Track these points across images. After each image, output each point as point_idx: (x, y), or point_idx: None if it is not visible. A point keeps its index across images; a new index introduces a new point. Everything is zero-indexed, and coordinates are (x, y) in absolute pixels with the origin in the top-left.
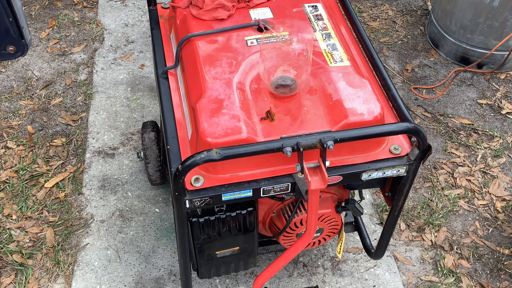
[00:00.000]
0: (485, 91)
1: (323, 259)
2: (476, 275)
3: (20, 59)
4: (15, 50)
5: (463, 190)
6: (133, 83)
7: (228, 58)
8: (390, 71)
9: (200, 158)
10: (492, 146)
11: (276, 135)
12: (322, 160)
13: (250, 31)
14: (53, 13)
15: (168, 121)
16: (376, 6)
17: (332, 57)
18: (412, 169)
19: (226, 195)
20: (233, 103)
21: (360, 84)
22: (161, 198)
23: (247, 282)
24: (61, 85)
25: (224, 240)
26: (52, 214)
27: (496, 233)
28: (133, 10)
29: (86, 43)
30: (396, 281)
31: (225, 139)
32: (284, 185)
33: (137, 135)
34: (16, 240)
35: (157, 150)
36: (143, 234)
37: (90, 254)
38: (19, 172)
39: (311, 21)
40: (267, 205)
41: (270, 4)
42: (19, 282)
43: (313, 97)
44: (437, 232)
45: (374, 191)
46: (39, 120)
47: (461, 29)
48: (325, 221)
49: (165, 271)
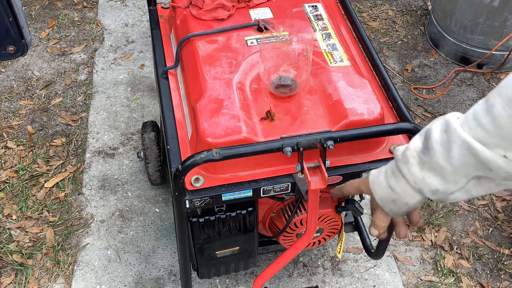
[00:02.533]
0: (485, 91)
1: (323, 259)
2: (476, 275)
3: (20, 59)
4: (15, 50)
5: None
6: (133, 83)
7: (228, 58)
8: (390, 71)
9: (200, 158)
10: None
11: (276, 135)
12: (322, 160)
13: (250, 31)
14: (53, 13)
15: (168, 121)
16: (376, 6)
17: (332, 57)
18: None
19: (226, 195)
20: (233, 103)
21: (360, 84)
22: (161, 198)
23: (247, 282)
24: (61, 85)
25: (224, 240)
26: (52, 214)
27: (496, 233)
28: (133, 10)
29: (86, 43)
30: (396, 281)
31: (225, 139)
32: (284, 185)
33: (137, 135)
34: (16, 240)
35: (157, 150)
36: (143, 234)
37: (90, 254)
38: (19, 172)
39: (311, 21)
40: (267, 205)
41: (270, 4)
42: (19, 282)
43: (313, 97)
44: (437, 232)
45: None
46: (39, 120)
47: (461, 29)
48: (325, 221)
49: (165, 271)
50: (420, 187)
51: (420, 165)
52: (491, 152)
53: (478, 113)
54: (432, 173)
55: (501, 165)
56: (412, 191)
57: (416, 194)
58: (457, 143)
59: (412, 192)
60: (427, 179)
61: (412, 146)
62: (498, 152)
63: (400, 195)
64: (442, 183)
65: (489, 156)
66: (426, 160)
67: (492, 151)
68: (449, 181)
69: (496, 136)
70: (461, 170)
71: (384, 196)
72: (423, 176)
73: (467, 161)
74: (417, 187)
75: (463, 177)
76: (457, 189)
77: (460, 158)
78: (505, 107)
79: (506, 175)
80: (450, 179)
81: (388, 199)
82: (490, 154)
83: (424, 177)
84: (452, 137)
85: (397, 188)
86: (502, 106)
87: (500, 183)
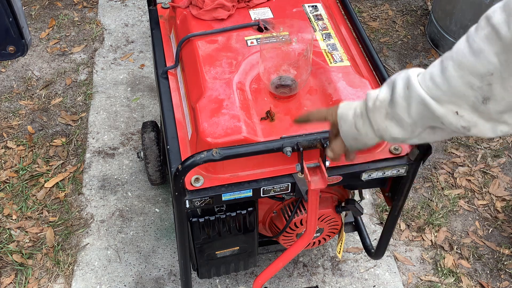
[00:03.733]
0: None
1: (323, 259)
2: (476, 275)
3: (20, 59)
4: (15, 50)
5: (463, 190)
6: (133, 83)
7: (228, 58)
8: (390, 71)
9: (200, 158)
10: (492, 146)
11: (276, 135)
12: (322, 160)
13: (250, 31)
14: (53, 13)
15: (168, 121)
16: (376, 6)
17: (332, 57)
18: (412, 169)
19: (226, 195)
20: (233, 103)
21: (360, 84)
22: (161, 198)
23: (247, 282)
24: (61, 85)
25: (224, 240)
26: (52, 214)
27: (496, 233)
28: (133, 10)
29: (86, 43)
30: (396, 281)
31: (225, 139)
32: (284, 185)
33: (137, 135)
34: (16, 240)
35: (157, 150)
36: (143, 234)
37: (90, 254)
38: (19, 172)
39: (311, 21)
40: (267, 205)
41: (270, 4)
42: (19, 282)
43: (313, 97)
44: (437, 232)
45: (374, 191)
46: (39, 120)
47: (461, 29)
48: (325, 221)
49: (165, 271)
50: (382, 134)
51: (385, 116)
52: (444, 108)
53: (434, 74)
54: (394, 123)
55: (451, 120)
56: (373, 136)
57: (376, 138)
58: (416, 100)
59: (373, 136)
60: (389, 128)
61: (382, 97)
62: (450, 109)
63: (362, 136)
64: (401, 132)
65: (442, 111)
66: (390, 112)
67: (445, 107)
68: (408, 131)
69: (448, 95)
70: (419, 122)
71: (348, 132)
72: (386, 125)
73: (424, 115)
74: (379, 133)
75: (420, 127)
76: (414, 136)
77: (418, 112)
78: (456, 69)
79: (455, 128)
80: (409, 129)
81: (351, 136)
82: (443, 110)
83: (387, 126)
84: (412, 93)
85: (362, 129)
86: (454, 68)
87: (450, 133)
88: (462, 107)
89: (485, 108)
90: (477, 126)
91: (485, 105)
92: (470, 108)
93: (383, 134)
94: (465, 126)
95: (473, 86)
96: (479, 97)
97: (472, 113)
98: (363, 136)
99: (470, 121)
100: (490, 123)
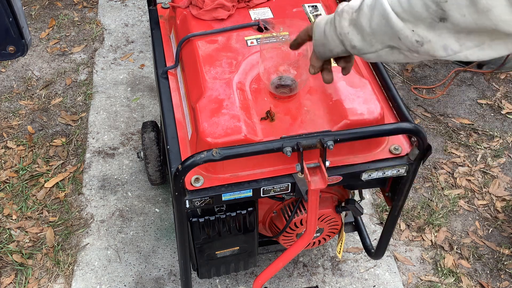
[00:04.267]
0: (485, 91)
1: (323, 259)
2: (476, 275)
3: (20, 59)
4: (15, 50)
5: (463, 190)
6: (133, 83)
7: (228, 58)
8: (390, 71)
9: (200, 158)
10: (492, 146)
11: (276, 135)
12: (322, 160)
13: (250, 31)
14: (53, 13)
15: (168, 121)
16: None
17: None
18: (412, 169)
19: (226, 195)
20: (233, 103)
21: (360, 84)
22: (161, 198)
23: (247, 282)
24: (61, 85)
25: (224, 240)
26: (52, 214)
27: (496, 233)
28: (133, 10)
29: (86, 43)
30: (396, 281)
31: (225, 139)
32: (284, 185)
33: (137, 135)
34: (16, 240)
35: (157, 150)
36: (143, 234)
37: (90, 254)
38: (19, 172)
39: (311, 21)
40: (267, 205)
41: (270, 4)
42: (19, 282)
43: (313, 97)
44: (437, 232)
45: (374, 191)
46: (39, 120)
47: None
48: (325, 221)
49: (165, 271)
50: (343, 39)
51: (349, 21)
52: (403, 23)
53: None
54: (356, 31)
55: (408, 35)
56: (337, 41)
57: (340, 45)
58: (379, 11)
59: (337, 42)
60: (350, 35)
61: (352, 4)
62: (408, 26)
63: (328, 41)
64: (360, 41)
65: (400, 26)
66: (354, 18)
67: (404, 23)
68: (367, 42)
69: (408, 14)
70: (378, 35)
71: (318, 38)
72: (348, 31)
73: (383, 28)
74: (341, 38)
75: (379, 43)
76: (372, 51)
77: (378, 23)
78: None
79: (410, 45)
80: (367, 40)
81: (320, 41)
82: (401, 24)
83: (349, 32)
84: (377, 4)
85: (328, 34)
86: None
87: (407, 56)
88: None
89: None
90: (430, 42)
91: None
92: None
93: (344, 39)
94: (419, 40)
95: (429, 9)
96: (435, 18)
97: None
98: (329, 41)
99: (424, 37)
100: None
